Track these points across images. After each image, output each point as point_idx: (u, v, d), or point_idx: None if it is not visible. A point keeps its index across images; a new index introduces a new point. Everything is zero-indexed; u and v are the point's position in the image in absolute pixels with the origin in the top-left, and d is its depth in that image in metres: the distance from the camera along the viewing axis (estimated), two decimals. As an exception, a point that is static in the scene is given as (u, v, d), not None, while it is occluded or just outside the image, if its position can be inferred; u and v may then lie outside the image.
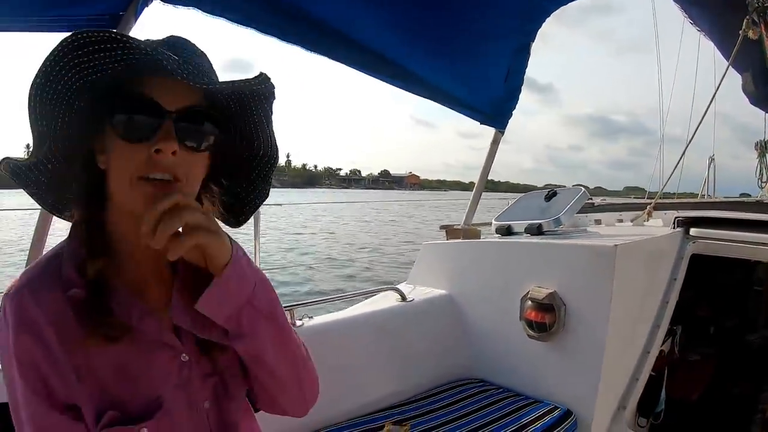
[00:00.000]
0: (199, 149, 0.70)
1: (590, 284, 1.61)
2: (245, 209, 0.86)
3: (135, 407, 0.69)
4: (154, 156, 0.64)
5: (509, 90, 2.01)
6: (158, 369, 0.72)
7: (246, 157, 0.81)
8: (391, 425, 1.54)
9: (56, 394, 0.65)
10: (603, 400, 1.66)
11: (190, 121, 0.68)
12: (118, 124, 0.65)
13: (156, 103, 0.65)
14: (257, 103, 0.74)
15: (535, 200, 2.16)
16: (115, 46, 0.60)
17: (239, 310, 0.73)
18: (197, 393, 0.77)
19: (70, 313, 0.67)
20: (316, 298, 1.78)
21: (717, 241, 2.04)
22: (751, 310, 2.69)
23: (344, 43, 1.61)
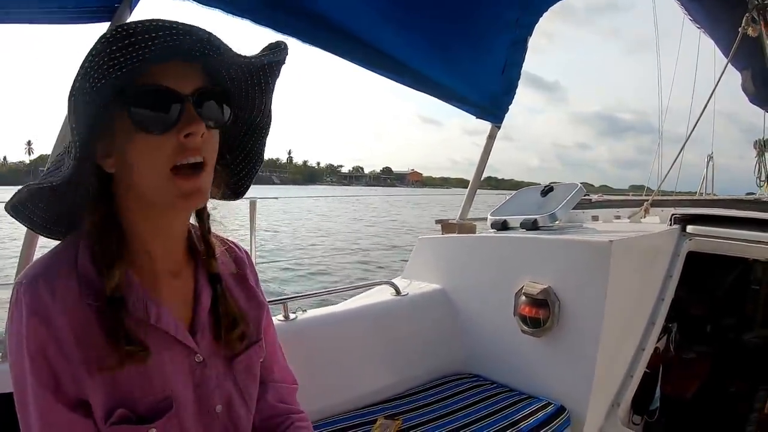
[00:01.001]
0: (217, 127, 0.71)
1: (585, 280, 1.60)
2: (243, 180, 0.87)
3: (145, 406, 0.68)
4: (183, 141, 0.65)
5: (506, 84, 2.00)
6: (170, 367, 0.71)
7: (243, 128, 0.82)
8: (384, 419, 1.53)
9: (66, 388, 0.64)
10: (597, 396, 1.65)
11: (206, 101, 0.68)
12: (139, 117, 0.64)
13: (172, 89, 0.65)
14: (270, 74, 0.75)
15: (531, 195, 2.15)
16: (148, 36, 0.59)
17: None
18: (210, 396, 0.77)
19: (85, 309, 0.66)
20: (310, 292, 1.77)
21: (714, 239, 2.04)
22: (748, 309, 2.68)
23: (339, 35, 1.59)
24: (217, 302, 0.80)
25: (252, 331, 0.85)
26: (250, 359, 0.84)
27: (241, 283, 0.89)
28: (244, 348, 0.83)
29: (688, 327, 2.56)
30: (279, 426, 0.92)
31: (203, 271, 0.81)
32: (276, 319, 1.59)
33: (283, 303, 1.61)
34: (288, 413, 0.95)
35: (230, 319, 0.80)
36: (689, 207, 2.31)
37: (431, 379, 1.80)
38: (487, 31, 1.84)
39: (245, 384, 0.83)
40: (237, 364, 0.81)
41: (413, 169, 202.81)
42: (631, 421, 1.94)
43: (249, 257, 0.94)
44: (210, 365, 0.77)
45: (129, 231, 0.72)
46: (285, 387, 0.98)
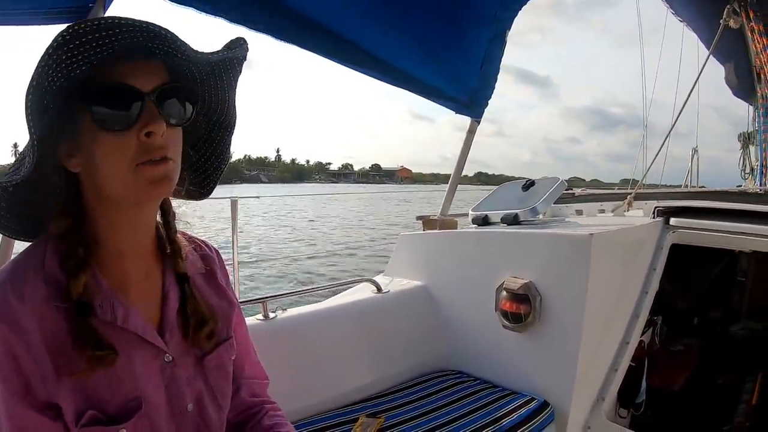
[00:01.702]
0: (180, 125, 0.70)
1: (566, 274, 1.60)
2: (210, 179, 0.87)
3: (115, 407, 0.68)
4: (144, 140, 0.64)
5: (485, 78, 1.99)
6: (140, 368, 0.71)
7: (209, 126, 0.82)
8: (366, 417, 1.52)
9: (36, 392, 0.63)
10: (580, 391, 1.64)
11: (167, 99, 0.67)
12: (100, 116, 0.63)
13: (133, 87, 0.64)
14: (230, 70, 0.75)
15: (512, 190, 2.14)
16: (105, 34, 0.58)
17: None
18: (181, 395, 0.76)
19: (53, 312, 0.65)
20: (290, 291, 1.75)
21: (697, 231, 2.03)
22: (735, 301, 2.69)
23: (315, 31, 1.58)
24: (186, 302, 0.80)
25: (221, 329, 0.85)
26: (221, 357, 0.84)
27: (211, 282, 0.88)
28: (214, 346, 0.82)
29: (675, 320, 2.57)
30: (253, 417, 0.94)
31: (171, 270, 0.80)
32: (255, 319, 1.58)
33: (262, 302, 1.59)
34: (261, 404, 0.97)
35: (198, 318, 0.80)
36: (673, 199, 2.31)
37: (414, 377, 1.79)
38: (465, 26, 1.82)
39: (217, 382, 0.82)
40: (208, 363, 0.81)
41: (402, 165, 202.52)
42: (617, 414, 1.94)
43: (219, 255, 0.94)
44: (180, 365, 0.76)
45: (97, 232, 0.71)
46: (257, 383, 0.99)
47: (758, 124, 3.28)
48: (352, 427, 1.47)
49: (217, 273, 0.90)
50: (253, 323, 1.55)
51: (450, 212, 2.24)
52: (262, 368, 1.02)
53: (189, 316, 0.79)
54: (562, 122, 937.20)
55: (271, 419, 0.93)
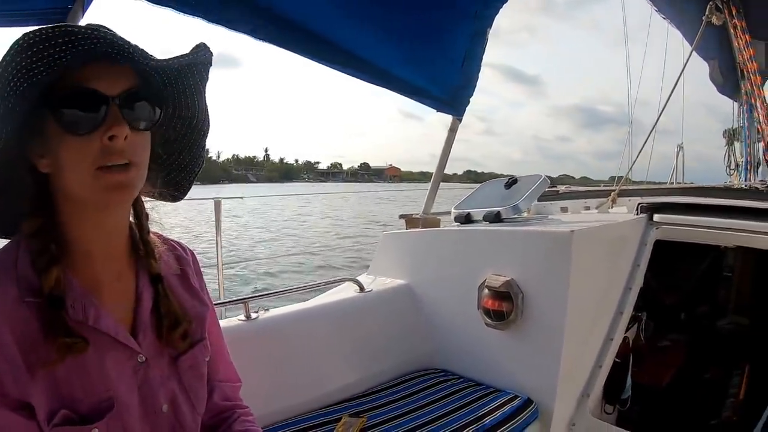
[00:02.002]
0: (145, 129, 0.71)
1: (547, 271, 1.60)
2: (183, 183, 0.87)
3: (87, 406, 0.68)
4: (107, 144, 0.65)
5: (466, 76, 1.99)
6: (112, 368, 0.71)
7: (181, 130, 0.82)
8: (348, 417, 1.52)
9: (8, 391, 0.63)
10: (564, 388, 1.64)
11: (132, 103, 0.68)
12: (65, 119, 0.64)
13: (97, 91, 0.65)
14: (196, 75, 0.76)
15: (495, 188, 2.14)
16: (66, 40, 0.60)
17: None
18: (154, 396, 0.76)
19: (24, 309, 0.65)
20: (272, 290, 1.75)
21: (681, 227, 2.04)
22: (721, 296, 2.70)
23: (294, 31, 1.57)
24: (159, 302, 0.80)
25: (195, 330, 0.85)
26: (195, 358, 0.84)
27: (185, 283, 0.89)
28: (188, 347, 0.83)
29: (662, 316, 2.58)
30: (225, 421, 0.94)
31: (144, 271, 0.81)
32: (237, 319, 1.57)
33: (244, 302, 1.58)
34: (233, 409, 0.96)
35: (172, 318, 0.80)
36: (657, 196, 2.32)
37: (397, 375, 1.78)
38: (446, 24, 1.82)
39: (191, 383, 0.83)
40: (182, 363, 0.81)
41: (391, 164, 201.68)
42: (603, 410, 1.94)
43: (194, 257, 0.94)
44: (153, 365, 0.76)
45: (67, 232, 0.71)
46: (230, 386, 0.99)
47: (742, 121, 3.30)
48: (335, 427, 1.46)
49: (192, 274, 0.91)
50: (235, 324, 1.54)
51: (434, 210, 2.25)
52: (235, 371, 1.02)
53: (162, 316, 0.79)
54: (551, 120, 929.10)
55: (242, 424, 0.93)
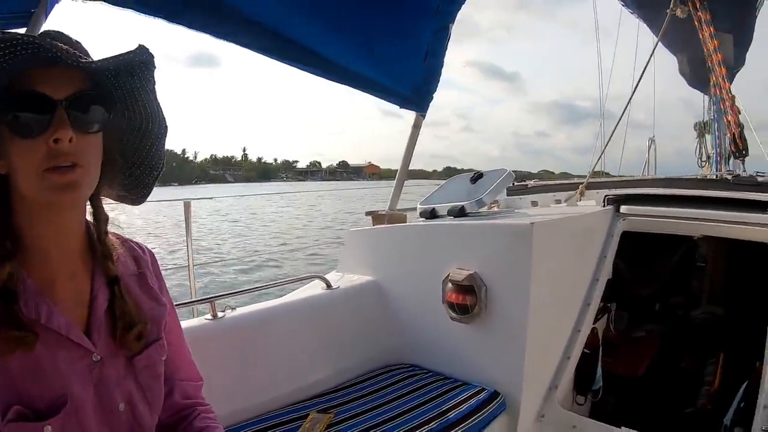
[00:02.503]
0: (93, 131, 0.72)
1: (510, 264, 1.61)
2: (142, 186, 0.88)
3: (42, 404, 0.68)
4: (52, 146, 0.67)
5: (428, 72, 2.00)
6: (65, 366, 0.71)
7: (135, 133, 0.83)
8: (316, 413, 1.52)
9: None
10: (531, 380, 1.65)
11: (80, 106, 0.70)
12: (12, 123, 0.66)
13: (44, 94, 0.67)
14: (141, 76, 0.77)
15: (461, 183, 2.15)
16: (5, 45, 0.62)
17: None
18: (111, 395, 0.77)
19: None
20: (239, 289, 1.75)
21: (647, 218, 2.06)
22: (695, 287, 2.73)
23: (252, 28, 1.57)
24: (114, 303, 0.80)
25: (151, 330, 0.86)
26: (151, 358, 0.84)
27: (142, 284, 0.89)
28: (143, 347, 0.83)
29: (636, 307, 2.60)
30: (185, 419, 0.94)
31: (101, 272, 0.81)
32: (204, 318, 1.57)
33: (210, 301, 1.59)
34: (193, 406, 0.97)
35: (127, 320, 0.80)
36: (626, 188, 2.35)
37: (366, 371, 1.79)
38: (407, 20, 1.83)
39: (147, 382, 0.83)
40: (137, 363, 0.82)
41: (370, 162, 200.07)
42: (574, 401, 1.96)
43: (153, 257, 0.94)
44: (109, 364, 0.77)
45: (22, 230, 0.73)
46: (191, 384, 0.99)
47: (713, 113, 3.34)
48: (302, 424, 1.47)
49: (150, 276, 0.91)
50: (202, 323, 1.55)
51: (403, 207, 2.25)
52: (197, 370, 1.03)
53: (117, 318, 0.79)
54: (530, 117, 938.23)
55: (202, 421, 0.94)
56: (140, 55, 0.75)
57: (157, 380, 0.85)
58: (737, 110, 2.43)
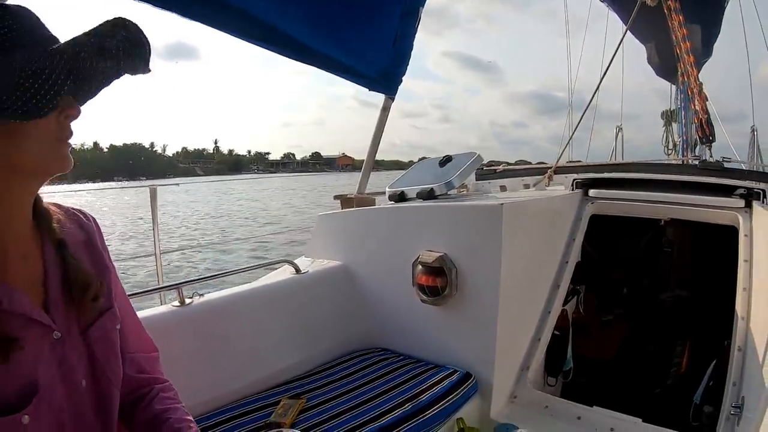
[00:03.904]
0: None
1: (479, 245, 1.61)
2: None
3: (12, 393, 0.66)
4: (63, 122, 0.72)
5: (398, 55, 1.99)
6: (31, 350, 0.69)
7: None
8: (287, 399, 1.51)
9: None
10: (502, 361, 1.66)
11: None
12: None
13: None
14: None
15: (429, 166, 2.15)
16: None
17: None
18: (73, 371, 0.76)
19: None
20: (206, 275, 1.71)
21: (615, 201, 2.09)
22: (663, 270, 2.79)
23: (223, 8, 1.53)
24: (66, 269, 0.79)
25: (104, 296, 0.84)
26: (105, 328, 0.83)
27: (90, 250, 0.87)
28: (97, 315, 0.82)
29: (606, 290, 2.64)
30: (143, 398, 0.91)
31: (48, 242, 0.79)
32: (171, 305, 1.54)
33: (177, 288, 1.55)
34: (149, 384, 0.93)
35: (81, 281, 0.79)
36: (593, 173, 2.38)
37: (337, 356, 1.79)
38: (376, 3, 1.82)
39: (104, 354, 0.82)
40: (93, 334, 0.80)
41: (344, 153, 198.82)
42: (546, 383, 1.98)
43: (97, 225, 0.92)
44: (67, 340, 0.76)
45: None
46: (143, 356, 0.96)
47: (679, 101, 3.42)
48: (274, 410, 1.45)
49: (96, 241, 0.89)
50: (168, 310, 1.52)
51: (369, 191, 2.24)
52: (150, 341, 1.00)
53: (72, 282, 0.78)
54: (507, 107, 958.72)
55: (162, 403, 0.91)
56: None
57: (113, 351, 0.84)
58: (705, 97, 2.48)
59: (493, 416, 1.62)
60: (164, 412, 0.89)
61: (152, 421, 0.88)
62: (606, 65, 2.66)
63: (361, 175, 2.23)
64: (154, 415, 0.88)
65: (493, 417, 1.62)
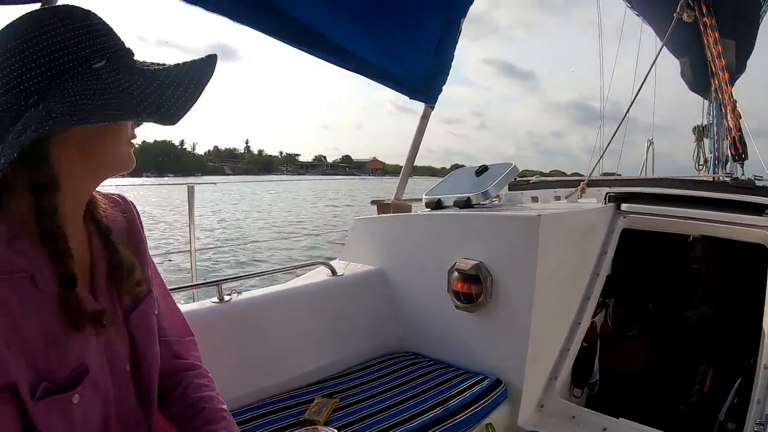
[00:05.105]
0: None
1: (515, 255, 1.63)
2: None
3: (63, 375, 0.69)
4: (134, 124, 0.78)
5: (439, 64, 2.01)
6: (80, 334, 0.71)
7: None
8: (321, 398, 1.53)
9: None
10: (533, 369, 1.68)
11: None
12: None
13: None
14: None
15: (466, 175, 2.18)
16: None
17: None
18: (118, 356, 0.79)
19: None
20: (245, 273, 1.75)
21: (647, 216, 2.10)
22: (689, 287, 2.77)
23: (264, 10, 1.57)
24: (111, 256, 0.81)
25: (145, 280, 0.86)
26: (144, 312, 0.85)
27: (130, 236, 0.89)
28: (142, 297, 0.85)
29: (630, 304, 2.63)
30: (177, 386, 0.91)
31: (95, 230, 0.81)
32: (210, 302, 1.58)
33: (217, 285, 1.59)
34: (184, 370, 0.94)
35: (125, 268, 0.81)
36: (626, 186, 2.38)
37: (369, 358, 1.81)
38: (421, 11, 1.84)
39: (144, 339, 0.84)
40: (134, 319, 0.83)
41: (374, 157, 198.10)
42: (572, 394, 1.99)
43: (135, 208, 0.94)
44: (113, 325, 0.78)
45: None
46: (178, 340, 0.96)
47: (711, 117, 3.39)
48: (307, 408, 1.48)
49: (138, 226, 0.91)
50: (208, 306, 1.56)
51: (405, 198, 2.27)
52: (186, 325, 1.01)
53: (117, 268, 0.80)
54: (546, 116, 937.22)
55: (197, 390, 0.91)
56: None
57: (152, 336, 0.86)
58: (738, 114, 2.47)
59: (520, 424, 1.63)
60: (199, 401, 0.89)
61: (187, 410, 0.88)
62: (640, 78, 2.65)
63: (399, 181, 2.26)
64: (188, 403, 0.89)
65: (520, 425, 1.63)
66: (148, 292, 0.87)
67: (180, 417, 0.89)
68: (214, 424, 0.86)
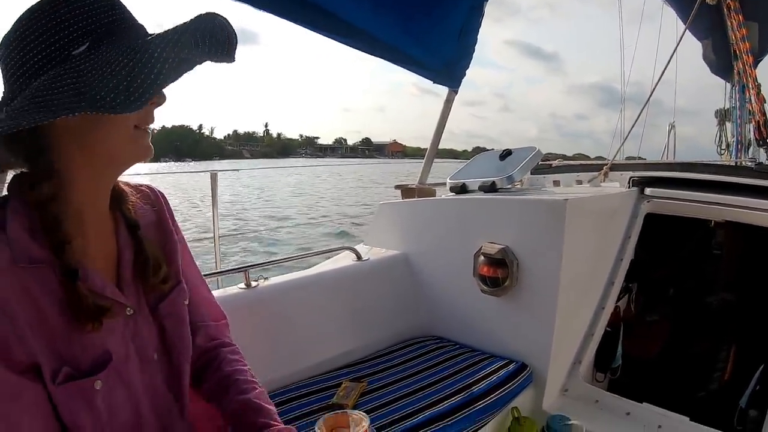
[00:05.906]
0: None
1: (542, 239, 1.63)
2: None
3: (86, 362, 0.70)
4: (148, 109, 0.74)
5: (463, 48, 2.00)
6: (105, 324, 0.72)
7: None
8: (349, 382, 1.55)
9: (15, 354, 0.64)
10: (558, 353, 1.68)
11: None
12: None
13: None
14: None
15: (490, 159, 2.17)
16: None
17: None
18: (146, 345, 0.80)
19: (20, 273, 0.66)
20: (271, 259, 1.77)
21: (671, 201, 2.08)
22: (710, 273, 2.75)
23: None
24: (138, 250, 0.82)
25: (172, 276, 0.87)
26: (174, 303, 0.86)
27: (158, 229, 0.90)
28: (167, 291, 0.85)
29: (651, 290, 2.62)
30: (213, 361, 0.95)
31: (122, 222, 0.82)
32: (238, 288, 1.60)
33: (244, 271, 1.61)
34: (220, 346, 0.97)
35: (152, 264, 0.82)
36: (648, 171, 2.36)
37: (395, 342, 1.82)
38: (443, -4, 1.83)
39: (174, 329, 0.85)
40: (163, 309, 0.84)
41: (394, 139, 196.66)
42: (594, 378, 1.99)
43: (164, 197, 0.94)
44: (139, 316, 0.79)
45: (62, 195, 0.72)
46: (213, 326, 0.99)
47: (734, 101, 3.34)
48: (336, 392, 1.49)
49: (165, 218, 0.92)
50: (235, 292, 1.57)
51: (428, 182, 2.26)
52: (219, 308, 1.03)
53: (143, 262, 0.81)
54: (570, 98, 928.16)
55: (231, 365, 0.93)
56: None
57: (182, 326, 0.87)
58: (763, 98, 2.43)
59: (545, 408, 1.64)
60: (233, 373, 0.92)
61: (222, 381, 0.91)
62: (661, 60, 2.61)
63: (423, 165, 2.26)
64: (223, 375, 0.92)
65: (545, 408, 1.63)
66: (178, 282, 0.88)
67: (216, 389, 0.92)
68: (247, 393, 0.88)
